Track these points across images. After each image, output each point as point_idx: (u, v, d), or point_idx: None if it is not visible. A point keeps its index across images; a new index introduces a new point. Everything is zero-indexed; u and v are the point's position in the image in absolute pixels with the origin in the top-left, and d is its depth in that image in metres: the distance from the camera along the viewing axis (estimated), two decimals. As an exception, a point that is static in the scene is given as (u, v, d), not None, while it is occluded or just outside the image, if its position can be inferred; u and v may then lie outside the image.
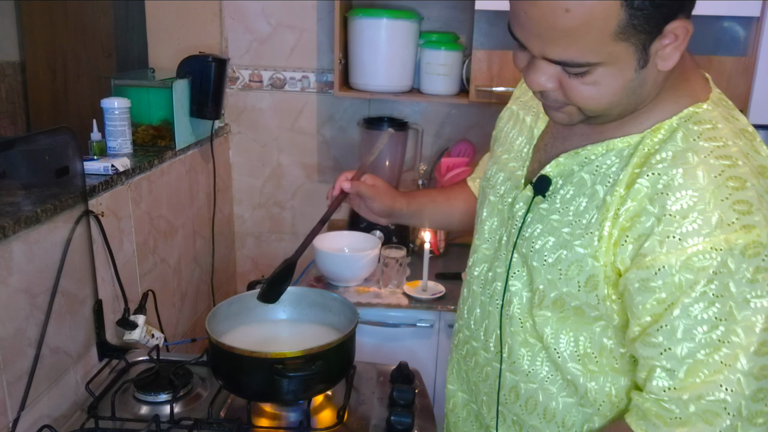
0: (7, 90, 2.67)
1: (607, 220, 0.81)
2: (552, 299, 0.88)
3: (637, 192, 0.78)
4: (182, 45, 2.17)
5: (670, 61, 0.75)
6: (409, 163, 2.30)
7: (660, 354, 0.78)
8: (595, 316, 0.86)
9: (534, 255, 0.88)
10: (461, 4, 2.17)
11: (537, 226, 0.89)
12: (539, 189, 0.89)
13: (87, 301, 1.33)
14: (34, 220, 1.13)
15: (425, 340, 1.88)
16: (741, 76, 1.86)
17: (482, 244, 1.02)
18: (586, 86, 0.76)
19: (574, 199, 0.86)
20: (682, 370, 0.77)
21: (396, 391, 1.25)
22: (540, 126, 0.95)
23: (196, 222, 2.05)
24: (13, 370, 1.10)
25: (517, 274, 0.93)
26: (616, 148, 0.83)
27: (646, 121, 0.82)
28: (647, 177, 0.78)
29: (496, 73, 1.96)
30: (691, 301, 0.75)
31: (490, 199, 1.02)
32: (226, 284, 2.38)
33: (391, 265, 1.88)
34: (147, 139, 1.82)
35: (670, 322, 0.76)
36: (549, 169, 0.89)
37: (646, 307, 0.78)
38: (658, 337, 0.78)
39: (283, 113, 2.33)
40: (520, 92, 1.09)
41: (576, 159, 0.87)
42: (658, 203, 0.76)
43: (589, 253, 0.82)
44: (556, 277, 0.86)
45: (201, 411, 1.22)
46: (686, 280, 0.74)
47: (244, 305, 1.30)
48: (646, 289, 0.77)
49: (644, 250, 0.77)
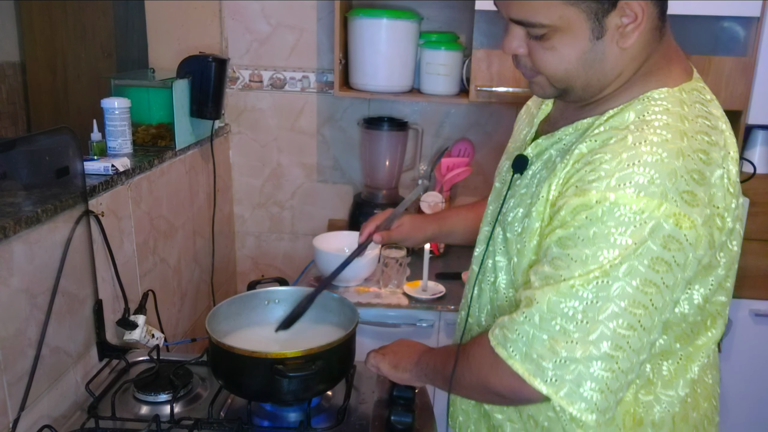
0: (8, 90, 2.67)
1: (552, 184, 0.88)
2: (523, 271, 0.94)
3: (577, 156, 0.85)
4: (182, 45, 2.17)
5: (630, 40, 0.82)
6: (409, 162, 2.30)
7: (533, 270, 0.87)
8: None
9: (508, 227, 0.96)
10: (461, 4, 2.17)
11: (511, 200, 0.97)
12: (517, 168, 0.97)
13: (87, 301, 1.33)
14: (35, 220, 1.13)
15: (425, 340, 1.88)
16: (741, 76, 1.86)
17: (484, 227, 1.09)
18: (546, 51, 0.84)
19: (539, 173, 0.93)
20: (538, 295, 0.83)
21: (396, 391, 1.25)
22: (541, 115, 1.03)
23: (196, 222, 2.05)
24: (14, 370, 1.10)
25: (502, 250, 0.99)
26: (583, 127, 0.90)
27: (613, 103, 0.88)
28: (586, 143, 0.85)
29: (496, 73, 1.96)
30: (572, 232, 0.81)
31: (495, 186, 1.10)
32: (226, 284, 2.39)
33: (391, 265, 1.88)
34: (147, 139, 1.82)
35: (549, 246, 0.85)
36: (529, 150, 0.97)
37: (547, 242, 0.85)
38: (544, 267, 0.85)
39: (283, 113, 2.33)
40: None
41: (551, 140, 0.94)
42: (583, 161, 0.83)
43: (539, 215, 0.90)
44: (522, 246, 0.93)
45: (201, 411, 1.22)
46: (569, 215, 0.81)
47: (244, 305, 1.30)
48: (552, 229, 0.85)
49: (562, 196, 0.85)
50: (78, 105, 2.70)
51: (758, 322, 2.05)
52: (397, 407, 1.21)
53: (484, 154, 2.30)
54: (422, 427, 1.21)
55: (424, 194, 2.17)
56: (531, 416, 0.98)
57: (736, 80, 1.86)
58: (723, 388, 1.02)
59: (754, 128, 1.99)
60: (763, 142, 1.99)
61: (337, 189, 2.40)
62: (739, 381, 2.08)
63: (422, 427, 1.21)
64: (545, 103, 1.03)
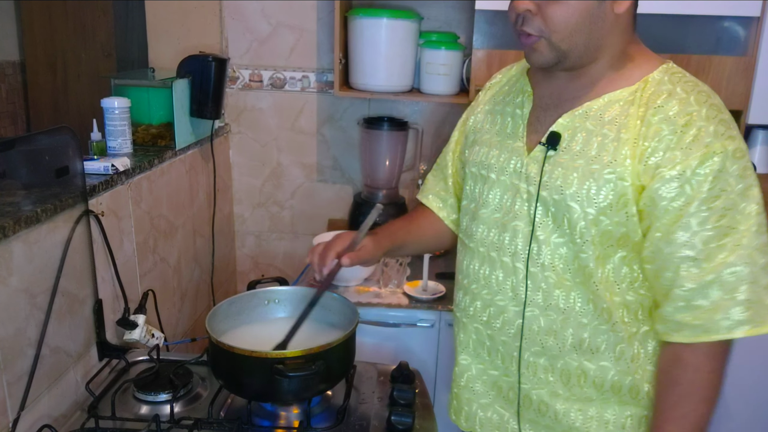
0: (7, 90, 2.67)
1: (628, 148, 0.96)
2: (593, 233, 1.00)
3: (649, 122, 0.96)
4: (182, 45, 2.17)
5: (622, 7, 0.96)
6: (409, 162, 2.30)
7: (683, 246, 0.94)
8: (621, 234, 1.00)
9: (566, 196, 1.00)
10: (461, 4, 2.17)
11: (558, 172, 1.01)
12: (551, 143, 1.03)
13: (87, 301, 1.33)
14: (35, 220, 1.13)
15: (425, 340, 1.88)
16: (741, 76, 1.86)
17: (492, 214, 1.12)
18: (557, 5, 0.94)
19: (587, 142, 1.00)
20: (703, 256, 0.94)
21: (396, 391, 1.26)
22: (527, 105, 1.10)
23: (196, 221, 2.05)
24: (14, 370, 1.10)
25: (543, 224, 1.04)
26: (615, 98, 1.00)
27: (631, 77, 1.01)
28: (653, 111, 0.96)
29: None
30: (703, 198, 0.92)
31: (489, 177, 1.12)
32: (226, 284, 2.39)
33: (391, 265, 1.88)
34: (147, 139, 1.82)
35: (687, 218, 0.93)
36: (555, 128, 1.04)
37: (668, 209, 0.94)
38: (677, 233, 0.94)
39: (283, 113, 2.33)
40: (486, 97, 1.23)
41: (575, 116, 1.02)
42: (667, 126, 0.94)
43: (618, 175, 0.97)
44: (592, 207, 0.99)
45: (201, 411, 1.22)
46: (697, 181, 0.92)
47: (244, 305, 1.30)
48: (666, 194, 0.94)
49: (663, 162, 0.93)
50: (78, 105, 2.70)
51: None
52: (397, 407, 1.21)
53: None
54: (422, 427, 1.21)
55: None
56: None
57: (736, 80, 1.86)
58: (723, 388, 1.05)
59: (754, 128, 1.99)
60: (763, 142, 1.99)
61: (336, 189, 2.40)
62: (739, 381, 2.08)
63: (422, 427, 1.21)
64: (524, 96, 1.11)
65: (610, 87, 1.01)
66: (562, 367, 1.08)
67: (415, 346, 1.88)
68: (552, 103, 1.07)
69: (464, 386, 1.21)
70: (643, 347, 1.06)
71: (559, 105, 1.05)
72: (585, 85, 1.03)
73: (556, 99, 1.06)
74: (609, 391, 1.07)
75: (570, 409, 1.09)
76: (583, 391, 1.08)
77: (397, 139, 2.22)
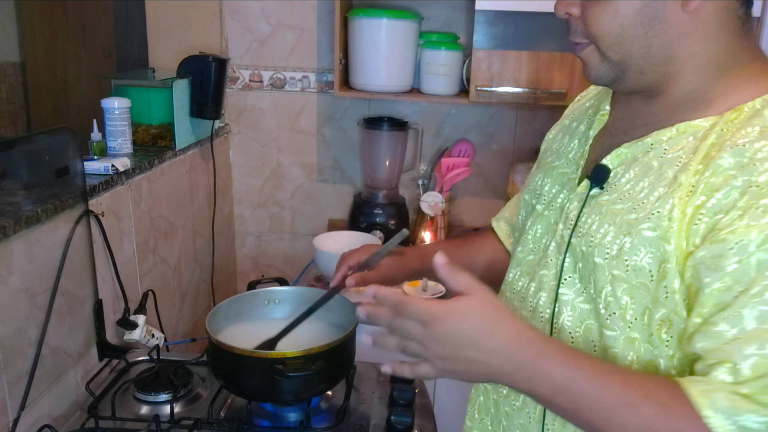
0: (8, 90, 2.67)
1: (679, 198, 0.72)
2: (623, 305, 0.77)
3: (717, 167, 0.71)
4: (182, 45, 2.17)
5: (693, 5, 0.73)
6: (409, 163, 2.30)
7: (724, 344, 0.66)
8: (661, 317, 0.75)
9: (594, 250, 0.79)
10: (461, 4, 2.17)
11: (595, 218, 0.81)
12: (597, 179, 0.83)
13: (87, 301, 1.33)
14: (35, 220, 1.13)
15: (425, 340, 1.88)
16: (741, 76, 1.85)
17: (527, 256, 0.94)
18: (600, 5, 0.76)
19: (638, 183, 0.78)
20: (747, 365, 0.65)
21: (396, 391, 1.25)
22: (596, 127, 0.91)
23: (196, 222, 2.05)
24: (13, 370, 1.10)
25: (569, 281, 0.84)
26: (691, 130, 0.77)
27: (722, 105, 0.76)
28: (730, 150, 0.71)
29: (496, 73, 1.96)
30: (766, 285, 0.65)
31: (536, 209, 0.95)
32: (226, 284, 2.39)
33: (391, 265, 1.88)
34: (147, 139, 1.82)
35: (739, 308, 0.66)
36: (608, 160, 0.83)
37: (713, 292, 0.68)
38: (722, 325, 0.67)
39: (283, 113, 2.33)
40: (571, 109, 1.05)
41: (640, 147, 0.81)
42: (742, 176, 0.68)
43: (659, 234, 0.73)
44: (622, 271, 0.76)
45: (201, 411, 1.22)
46: (764, 260, 0.65)
47: (244, 305, 1.30)
48: (716, 268, 0.68)
49: (721, 224, 0.68)
50: (78, 105, 2.70)
51: None
52: (397, 407, 1.21)
53: (484, 155, 2.30)
54: (422, 427, 1.21)
55: (424, 196, 2.17)
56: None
57: (737, 80, 1.85)
58: None
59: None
60: None
61: (337, 189, 2.40)
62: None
63: (422, 427, 1.21)
64: (599, 114, 0.92)
65: (691, 114, 0.78)
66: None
67: (415, 346, 1.88)
68: (622, 128, 0.86)
69: None
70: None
71: (628, 131, 0.84)
72: (663, 109, 0.80)
73: (628, 124, 0.85)
74: None
75: None
76: None
77: (397, 140, 2.22)
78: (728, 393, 0.64)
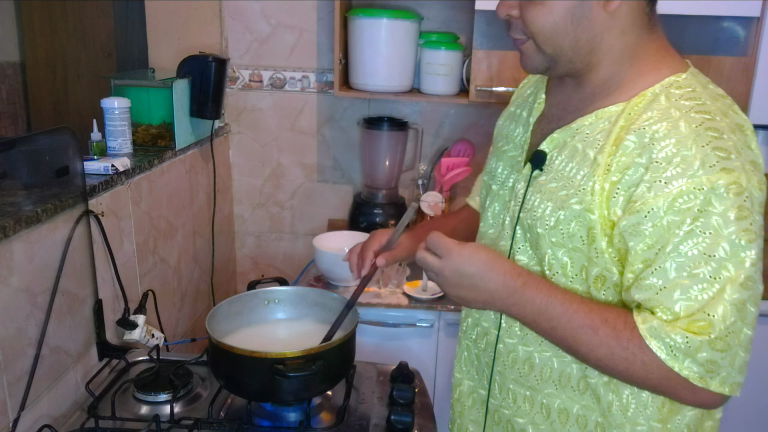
0: (8, 90, 2.67)
1: (598, 176, 0.87)
2: (563, 265, 0.93)
3: (625, 147, 0.85)
4: (182, 45, 2.17)
5: (614, 5, 0.86)
6: (409, 162, 2.30)
7: (656, 294, 0.83)
8: (596, 274, 0.91)
9: (537, 222, 0.94)
10: (461, 4, 2.17)
11: (537, 196, 0.96)
12: (536, 163, 0.97)
13: (87, 301, 1.33)
14: (35, 220, 1.13)
15: (425, 340, 1.88)
16: (741, 76, 1.86)
17: (488, 230, 1.09)
18: (535, 6, 0.88)
19: (567, 165, 0.93)
20: (678, 307, 0.82)
21: (396, 391, 1.26)
22: (535, 114, 1.04)
23: (196, 222, 2.05)
24: (13, 370, 1.10)
25: (522, 249, 0.99)
26: (605, 116, 0.91)
27: (630, 90, 0.90)
28: (634, 133, 0.85)
29: (496, 73, 1.96)
30: (679, 240, 0.81)
31: (492, 189, 1.09)
32: (226, 284, 2.39)
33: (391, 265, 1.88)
34: (147, 139, 1.82)
35: (661, 263, 0.82)
36: (544, 145, 0.97)
37: (638, 252, 0.84)
38: (651, 279, 0.83)
39: (283, 113, 2.33)
40: (516, 96, 1.17)
41: (568, 132, 0.95)
42: (645, 154, 0.83)
43: (584, 207, 0.88)
44: (560, 238, 0.92)
45: (201, 411, 1.22)
46: (673, 221, 0.81)
47: (244, 305, 1.30)
48: (637, 233, 0.83)
49: (635, 197, 0.83)
50: (78, 105, 2.70)
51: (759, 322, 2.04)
52: (396, 407, 1.21)
53: (484, 155, 2.28)
54: (422, 427, 1.21)
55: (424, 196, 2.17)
56: None
57: (736, 80, 1.86)
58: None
59: (755, 128, 1.99)
60: (764, 142, 1.99)
61: (337, 189, 2.40)
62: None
63: (422, 427, 1.21)
64: (537, 103, 1.04)
65: (607, 101, 0.92)
66: (542, 400, 1.00)
67: (415, 346, 1.89)
68: (557, 114, 1.00)
69: (457, 399, 1.19)
70: (635, 396, 0.93)
71: (561, 117, 0.98)
72: (588, 96, 0.94)
73: (561, 110, 0.99)
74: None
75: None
76: (565, 429, 0.99)
77: (397, 139, 2.22)
78: (662, 324, 0.82)
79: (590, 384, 0.96)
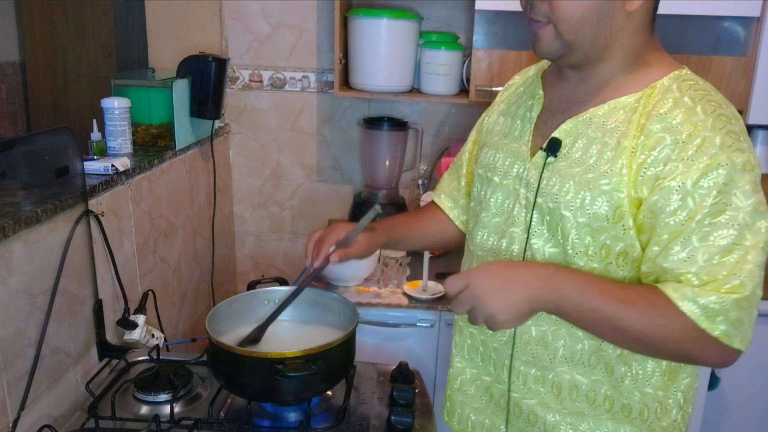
0: (8, 90, 2.67)
1: (625, 157, 0.93)
2: (586, 244, 0.98)
3: (648, 131, 0.92)
4: (182, 45, 2.17)
5: (634, 5, 0.92)
6: (409, 162, 2.30)
7: (684, 262, 0.89)
8: (620, 250, 0.96)
9: (560, 205, 0.99)
10: (461, 4, 2.17)
11: (556, 180, 1.00)
12: (551, 150, 1.01)
13: (87, 301, 1.33)
14: (35, 220, 1.13)
15: (425, 340, 1.88)
16: (741, 76, 1.86)
17: (492, 219, 1.12)
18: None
19: (587, 150, 0.98)
20: (704, 272, 0.88)
21: (396, 391, 1.26)
22: (536, 109, 1.09)
23: (196, 222, 2.05)
24: (13, 370, 1.10)
25: (538, 232, 1.03)
26: (620, 105, 0.97)
27: (640, 82, 0.97)
28: (656, 118, 0.92)
29: (496, 73, 1.96)
30: (705, 212, 0.88)
31: (493, 180, 1.12)
32: (226, 284, 2.39)
33: (391, 265, 1.88)
34: (147, 139, 1.82)
35: (688, 234, 0.89)
36: (557, 134, 1.02)
37: (666, 225, 0.90)
38: (676, 248, 0.90)
39: (283, 113, 2.33)
40: (505, 96, 1.21)
41: (580, 122, 1.00)
42: (669, 136, 0.91)
43: (613, 187, 0.94)
44: (586, 218, 0.97)
45: (201, 411, 1.22)
46: (700, 194, 0.88)
47: (244, 305, 1.30)
48: (665, 207, 0.90)
49: (663, 174, 0.90)
50: (78, 105, 2.70)
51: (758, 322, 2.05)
52: (396, 407, 1.21)
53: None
54: (422, 427, 1.21)
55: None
56: None
57: (736, 80, 1.86)
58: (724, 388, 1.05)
59: (754, 128, 1.99)
60: (763, 141, 1.99)
61: (337, 189, 2.40)
62: (739, 381, 2.08)
63: (422, 427, 1.21)
64: (536, 98, 1.09)
65: (617, 92, 0.98)
66: (553, 378, 1.05)
67: (415, 346, 1.89)
68: (560, 107, 1.05)
69: (458, 389, 1.21)
70: (642, 367, 1.02)
71: (566, 110, 1.03)
72: (593, 89, 1.00)
73: (565, 103, 1.04)
74: (601, 406, 1.04)
75: (561, 423, 1.07)
76: (575, 405, 1.05)
77: (397, 139, 2.22)
78: (693, 288, 0.88)
79: (603, 357, 1.02)
